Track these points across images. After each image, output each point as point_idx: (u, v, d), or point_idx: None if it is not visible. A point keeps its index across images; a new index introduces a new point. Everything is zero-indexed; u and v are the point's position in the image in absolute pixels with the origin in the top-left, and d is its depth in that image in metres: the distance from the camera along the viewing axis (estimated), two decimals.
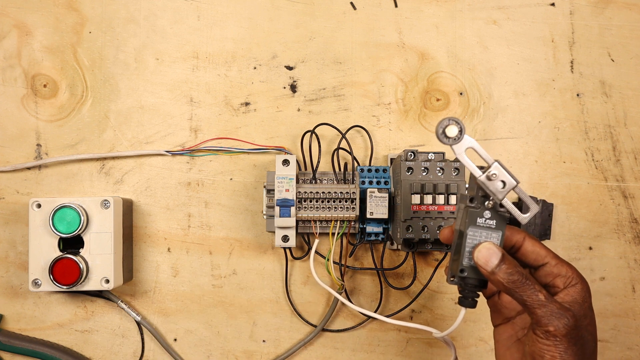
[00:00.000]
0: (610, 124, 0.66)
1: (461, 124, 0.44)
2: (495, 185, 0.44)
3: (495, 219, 0.45)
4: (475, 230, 0.45)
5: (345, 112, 0.65)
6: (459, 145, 0.44)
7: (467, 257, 0.45)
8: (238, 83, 0.65)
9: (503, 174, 0.44)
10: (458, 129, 0.44)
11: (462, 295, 0.47)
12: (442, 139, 0.44)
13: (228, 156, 0.65)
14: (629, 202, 0.65)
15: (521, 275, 0.43)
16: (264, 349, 0.65)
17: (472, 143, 0.44)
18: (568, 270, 0.45)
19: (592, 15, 0.66)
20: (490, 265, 0.43)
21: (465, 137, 0.44)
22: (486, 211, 0.45)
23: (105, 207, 0.60)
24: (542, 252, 0.46)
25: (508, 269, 0.43)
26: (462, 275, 0.45)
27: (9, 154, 0.65)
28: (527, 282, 0.43)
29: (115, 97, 0.65)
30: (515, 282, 0.43)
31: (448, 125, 0.44)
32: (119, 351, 0.65)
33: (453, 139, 0.44)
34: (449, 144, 0.44)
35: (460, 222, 0.46)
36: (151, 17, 0.65)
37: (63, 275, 0.59)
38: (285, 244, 0.61)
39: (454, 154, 0.44)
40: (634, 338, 0.66)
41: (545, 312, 0.42)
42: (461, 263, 0.45)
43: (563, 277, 0.45)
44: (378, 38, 0.66)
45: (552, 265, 0.46)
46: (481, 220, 0.45)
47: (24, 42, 0.65)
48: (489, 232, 0.45)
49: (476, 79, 0.66)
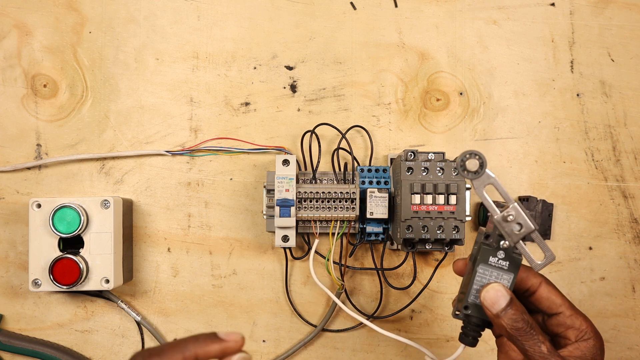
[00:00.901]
0: (610, 124, 0.66)
1: (483, 158, 0.42)
2: (511, 227, 0.42)
3: (509, 261, 0.43)
4: (485, 269, 0.43)
5: (345, 112, 0.65)
6: (479, 180, 0.42)
7: (474, 294, 0.44)
8: (238, 83, 0.65)
9: (521, 216, 0.42)
10: (479, 162, 0.42)
11: (464, 332, 0.45)
12: (461, 172, 0.42)
13: (228, 156, 0.65)
14: (629, 202, 0.65)
15: (526, 323, 0.41)
16: (264, 349, 0.65)
17: (493, 180, 0.42)
18: (582, 323, 0.44)
19: (592, 15, 0.66)
20: (496, 308, 0.42)
21: (487, 172, 0.42)
22: (500, 251, 0.43)
23: (105, 207, 0.60)
24: (558, 301, 0.44)
25: (514, 315, 0.41)
26: (466, 312, 0.44)
27: (9, 154, 0.65)
28: (531, 331, 0.41)
29: (115, 97, 0.65)
30: (519, 330, 0.41)
31: (469, 158, 0.42)
32: (119, 351, 0.65)
33: (473, 172, 0.42)
34: (468, 178, 0.42)
35: (473, 257, 0.44)
36: (151, 17, 0.65)
37: (63, 275, 0.59)
38: (285, 244, 0.61)
39: (472, 188, 0.43)
40: (634, 338, 0.66)
41: None
42: (466, 300, 0.44)
43: (576, 330, 0.43)
44: (378, 38, 0.66)
45: (567, 315, 0.44)
46: (494, 259, 0.43)
47: (24, 42, 0.65)
48: (500, 273, 0.43)
49: (476, 79, 0.66)
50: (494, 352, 0.65)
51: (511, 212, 0.42)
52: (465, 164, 0.42)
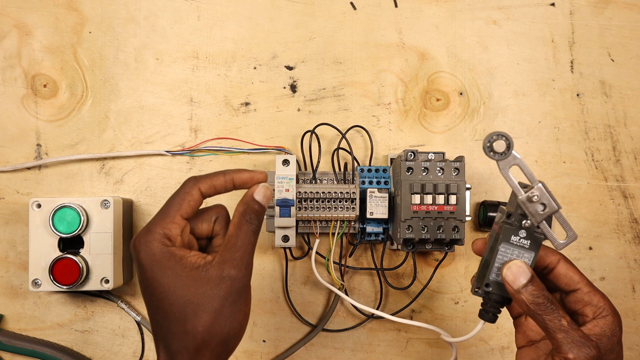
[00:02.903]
0: (610, 124, 0.66)
1: (510, 139, 0.42)
2: (536, 207, 0.42)
3: (530, 239, 0.44)
4: (507, 247, 0.44)
5: (345, 112, 0.65)
6: (505, 161, 0.42)
7: (495, 272, 0.44)
8: (238, 83, 0.65)
9: (545, 196, 0.42)
10: (506, 144, 0.42)
11: (484, 309, 0.46)
12: (488, 153, 0.42)
13: (228, 156, 0.65)
14: (629, 202, 0.65)
15: (546, 299, 0.42)
16: (264, 349, 0.65)
17: (519, 160, 0.42)
18: (600, 300, 0.44)
19: (592, 15, 0.66)
20: (517, 284, 0.42)
21: (513, 153, 0.42)
22: (522, 230, 0.44)
23: (105, 207, 0.60)
24: (576, 278, 0.45)
25: (534, 291, 0.42)
26: (487, 289, 0.45)
27: (9, 154, 0.65)
28: (551, 306, 0.42)
29: (115, 97, 0.65)
30: (540, 305, 0.42)
31: (496, 139, 0.42)
32: (119, 351, 0.65)
33: (500, 154, 0.42)
34: (495, 159, 0.42)
35: (495, 236, 0.45)
36: (151, 17, 0.65)
37: (63, 275, 0.59)
38: (285, 244, 0.61)
39: (498, 169, 0.42)
40: (634, 338, 0.66)
41: (566, 339, 0.41)
42: (487, 277, 0.44)
43: (594, 307, 0.44)
44: (378, 38, 0.66)
45: (584, 292, 0.44)
46: (515, 238, 0.44)
47: (24, 42, 0.65)
48: (521, 251, 0.44)
49: (476, 79, 0.66)
50: (493, 353, 0.65)
51: (536, 192, 0.42)
52: (492, 145, 0.42)
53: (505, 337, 0.65)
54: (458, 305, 0.65)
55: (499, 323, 0.65)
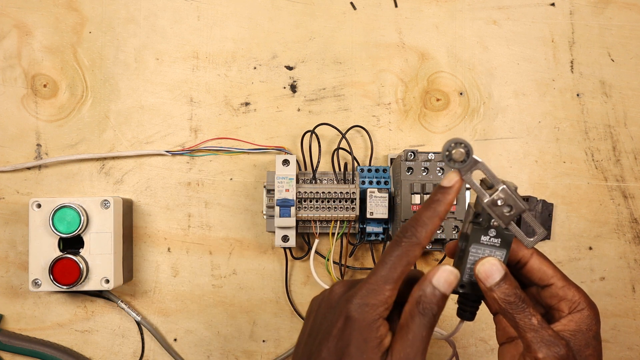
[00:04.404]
0: (610, 124, 0.66)
1: (468, 145, 0.41)
2: (502, 210, 0.42)
3: (500, 237, 0.43)
4: (478, 248, 0.43)
5: (345, 112, 0.65)
6: (466, 168, 0.41)
7: (469, 273, 0.44)
8: (238, 83, 0.65)
9: (511, 198, 0.41)
10: (465, 151, 0.41)
11: (461, 308, 0.46)
12: (447, 162, 0.41)
13: (228, 156, 0.65)
14: (629, 202, 0.65)
15: (518, 297, 0.41)
16: (264, 349, 0.65)
17: (480, 164, 0.41)
18: (575, 294, 0.43)
19: (592, 15, 0.66)
20: (490, 281, 0.42)
21: (473, 158, 0.41)
22: (491, 229, 0.43)
23: (105, 207, 0.60)
24: (549, 272, 0.44)
25: (507, 289, 0.41)
26: (461, 290, 0.44)
27: (9, 154, 0.65)
28: (522, 304, 0.41)
29: (115, 97, 0.65)
30: (511, 304, 0.41)
31: (454, 148, 0.41)
32: (119, 351, 0.65)
33: (461, 162, 0.41)
34: (455, 168, 0.41)
35: (464, 236, 0.44)
36: (151, 17, 0.65)
37: (63, 275, 0.59)
38: (285, 244, 0.61)
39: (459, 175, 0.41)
40: (634, 338, 0.66)
41: (536, 338, 0.40)
42: (461, 279, 0.44)
43: (569, 302, 0.43)
44: (378, 38, 0.66)
45: (559, 287, 0.43)
46: (485, 238, 0.43)
47: (24, 42, 0.65)
48: (492, 250, 0.43)
49: (476, 79, 0.66)
50: (493, 353, 0.65)
51: (500, 195, 0.41)
52: (451, 154, 0.41)
53: None
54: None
55: None
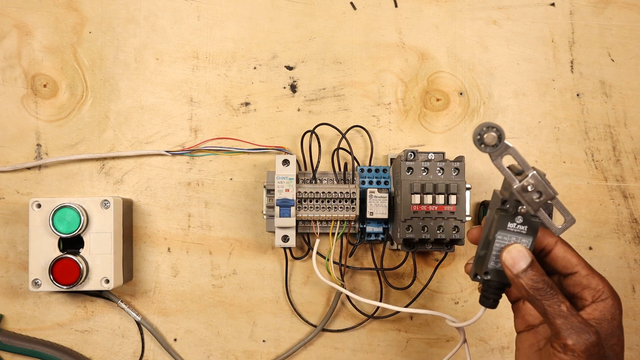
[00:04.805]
0: (610, 124, 0.66)
1: (500, 130, 0.40)
2: (531, 196, 0.41)
3: (527, 225, 0.43)
4: (504, 234, 0.43)
5: (345, 112, 0.65)
6: (496, 152, 0.41)
7: (494, 260, 0.44)
8: (238, 83, 0.65)
9: (541, 184, 0.41)
10: (497, 135, 0.40)
11: (484, 296, 0.45)
12: (479, 146, 0.41)
13: (228, 156, 0.65)
14: (629, 202, 0.65)
15: (546, 284, 0.41)
16: (264, 349, 0.65)
17: (511, 149, 0.41)
18: (599, 283, 0.43)
19: (592, 15, 0.66)
20: (517, 268, 0.42)
21: (505, 143, 0.41)
22: (518, 216, 0.43)
23: (105, 207, 0.60)
24: (573, 260, 0.44)
25: (534, 276, 0.41)
26: (486, 278, 0.44)
27: (9, 154, 0.65)
28: (551, 291, 0.41)
29: (115, 97, 0.65)
30: (540, 290, 0.41)
31: (486, 132, 0.40)
32: (119, 351, 0.65)
33: (491, 146, 0.41)
34: (487, 152, 0.41)
35: (491, 223, 0.44)
36: (151, 17, 0.65)
37: (63, 275, 0.59)
38: (285, 244, 0.61)
39: (490, 159, 0.41)
40: (634, 338, 0.66)
41: (565, 324, 0.40)
42: (486, 265, 0.44)
43: (592, 290, 0.43)
44: (378, 38, 0.66)
45: (582, 275, 0.43)
46: (512, 225, 0.43)
47: (24, 42, 0.65)
48: (519, 237, 0.43)
49: (476, 79, 0.66)
50: (494, 353, 0.65)
51: (530, 180, 0.41)
52: (483, 138, 0.41)
53: (506, 337, 0.65)
54: (458, 305, 0.65)
55: (499, 323, 0.65)
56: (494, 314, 0.65)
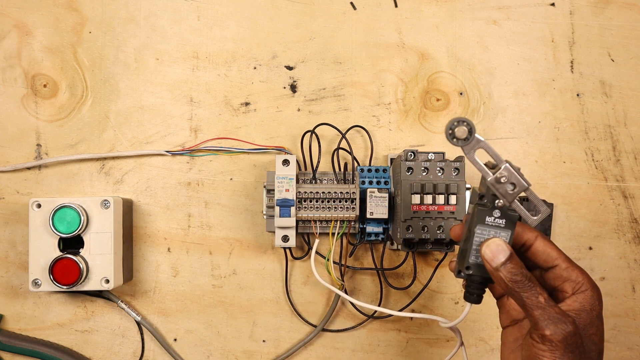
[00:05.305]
0: (610, 124, 0.66)
1: (471, 124, 0.42)
2: (505, 188, 0.42)
3: (505, 218, 0.44)
4: (483, 229, 0.44)
5: (345, 112, 0.65)
6: (469, 146, 0.42)
7: (474, 254, 0.44)
8: (238, 83, 0.65)
9: (514, 176, 0.42)
10: (468, 129, 0.42)
11: (467, 291, 0.46)
12: (450, 140, 0.42)
13: (228, 156, 0.65)
14: (629, 202, 0.65)
15: (524, 276, 0.42)
16: (264, 349, 0.65)
17: (482, 143, 0.42)
18: (579, 275, 0.44)
19: (592, 15, 0.66)
20: (496, 261, 0.43)
21: (476, 137, 0.42)
22: (496, 210, 0.44)
23: (105, 207, 0.60)
24: (553, 254, 0.45)
25: (513, 269, 0.42)
26: (468, 272, 0.45)
27: (9, 154, 0.65)
28: (529, 283, 0.42)
29: (115, 97, 0.65)
30: (518, 283, 0.42)
31: (457, 126, 0.42)
32: (119, 351, 0.65)
33: (463, 140, 0.42)
34: (459, 145, 0.42)
35: (470, 219, 0.45)
36: (151, 17, 0.65)
37: (63, 275, 0.59)
38: (285, 244, 0.61)
39: (463, 154, 0.43)
40: (634, 338, 0.66)
41: (543, 315, 0.41)
42: (467, 260, 0.45)
43: (572, 282, 0.44)
44: (378, 38, 0.66)
45: (562, 268, 0.44)
46: (490, 219, 0.44)
47: (24, 42, 0.65)
48: (497, 231, 0.44)
49: (476, 79, 0.66)
50: (493, 353, 0.65)
51: (503, 172, 0.42)
52: (454, 132, 0.42)
53: None
54: (458, 305, 0.65)
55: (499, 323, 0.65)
56: (494, 314, 0.65)
